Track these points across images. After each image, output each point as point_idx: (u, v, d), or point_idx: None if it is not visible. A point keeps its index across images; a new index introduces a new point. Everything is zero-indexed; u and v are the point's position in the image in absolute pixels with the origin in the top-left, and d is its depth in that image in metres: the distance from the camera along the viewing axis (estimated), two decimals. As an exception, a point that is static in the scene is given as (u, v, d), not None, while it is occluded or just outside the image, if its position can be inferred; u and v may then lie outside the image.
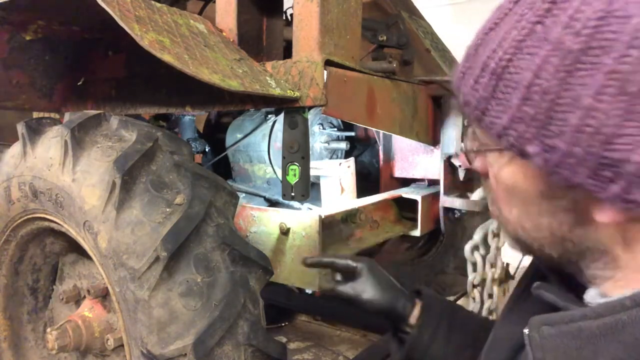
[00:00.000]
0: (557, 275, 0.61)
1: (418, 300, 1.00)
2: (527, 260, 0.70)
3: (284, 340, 2.69)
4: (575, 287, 0.58)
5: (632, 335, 0.45)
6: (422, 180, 2.27)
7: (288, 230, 1.59)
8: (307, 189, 1.51)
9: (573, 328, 0.49)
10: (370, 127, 2.03)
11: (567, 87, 0.43)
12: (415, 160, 2.23)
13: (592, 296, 0.54)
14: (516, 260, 1.79)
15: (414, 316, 0.98)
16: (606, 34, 0.41)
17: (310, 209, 1.86)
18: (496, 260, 1.90)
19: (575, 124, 0.43)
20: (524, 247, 0.58)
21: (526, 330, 0.52)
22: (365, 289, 0.98)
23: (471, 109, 0.51)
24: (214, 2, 1.69)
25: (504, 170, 0.53)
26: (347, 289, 0.99)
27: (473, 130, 0.57)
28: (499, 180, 0.54)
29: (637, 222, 0.47)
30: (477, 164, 0.59)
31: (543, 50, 0.44)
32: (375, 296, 0.98)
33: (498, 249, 1.85)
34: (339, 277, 1.04)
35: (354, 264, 1.02)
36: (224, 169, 2.30)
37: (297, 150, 1.47)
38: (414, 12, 2.56)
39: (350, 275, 1.02)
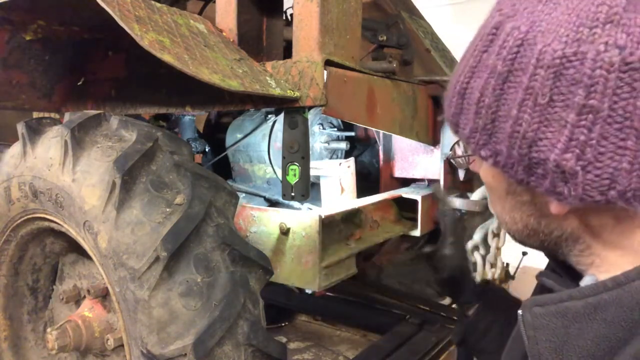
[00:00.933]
0: (561, 266, 0.66)
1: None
2: (527, 260, 0.72)
3: (284, 340, 2.69)
4: (576, 275, 0.63)
5: (612, 313, 0.51)
6: (422, 180, 2.27)
7: (288, 230, 1.59)
8: (307, 189, 1.51)
9: (560, 308, 0.55)
10: (370, 127, 2.03)
11: (502, 102, 0.53)
12: (415, 160, 2.23)
13: (586, 282, 0.58)
14: (516, 260, 1.79)
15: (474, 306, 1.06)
16: (522, 58, 0.51)
17: (310, 209, 1.86)
18: (496, 260, 1.90)
19: (509, 131, 0.53)
20: (514, 239, 0.66)
21: (520, 311, 0.58)
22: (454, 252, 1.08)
23: (450, 123, 0.62)
24: (214, 2, 1.69)
25: (481, 172, 0.63)
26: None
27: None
28: (483, 179, 0.64)
29: (592, 212, 0.55)
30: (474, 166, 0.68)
31: (485, 73, 0.55)
32: (456, 268, 1.06)
33: (498, 249, 1.85)
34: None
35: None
36: (224, 169, 2.30)
37: (297, 150, 1.47)
38: (414, 12, 2.56)
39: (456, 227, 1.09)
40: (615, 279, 0.53)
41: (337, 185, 1.90)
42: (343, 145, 2.24)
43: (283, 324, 2.91)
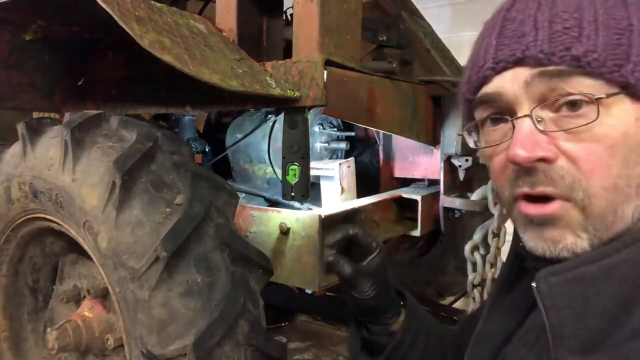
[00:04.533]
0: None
1: (402, 306, 1.00)
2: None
3: (284, 340, 2.68)
4: None
5: (625, 272, 0.53)
6: (422, 180, 2.27)
7: (288, 230, 1.59)
8: (307, 189, 1.51)
9: (576, 274, 0.54)
10: (370, 127, 2.03)
11: None
12: (415, 160, 2.23)
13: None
14: (516, 260, 1.78)
15: (399, 322, 0.98)
16: None
17: (310, 209, 1.86)
18: (496, 260, 1.90)
19: None
20: (605, 222, 0.56)
21: (534, 284, 0.56)
22: (369, 277, 0.90)
23: (593, 57, 0.54)
24: (214, 2, 1.69)
25: (617, 120, 0.54)
26: (353, 269, 0.90)
27: (559, 96, 0.56)
28: (607, 135, 0.54)
29: None
30: (546, 147, 0.57)
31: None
32: (375, 290, 0.91)
33: (498, 249, 1.85)
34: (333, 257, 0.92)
35: (375, 245, 0.93)
36: (224, 169, 2.30)
37: (297, 150, 1.47)
38: (414, 12, 2.56)
39: (361, 255, 0.92)
40: (624, 240, 0.54)
41: (337, 185, 1.90)
42: (343, 145, 2.24)
43: (283, 324, 2.91)
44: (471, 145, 0.70)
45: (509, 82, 0.58)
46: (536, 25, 0.56)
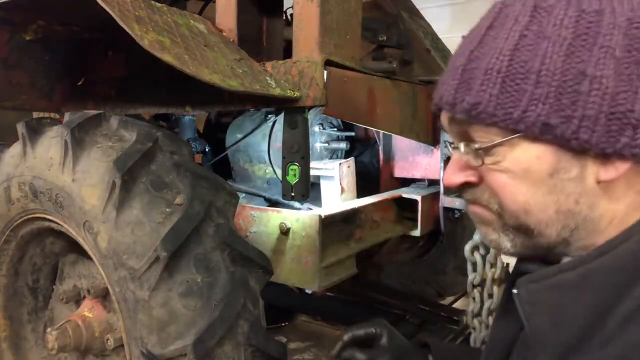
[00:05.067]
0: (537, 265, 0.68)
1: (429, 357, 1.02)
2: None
3: (284, 340, 2.69)
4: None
5: (600, 279, 0.56)
6: (422, 180, 2.27)
7: (288, 230, 1.59)
8: (307, 189, 1.51)
9: (554, 281, 0.58)
10: (370, 127, 2.03)
11: (572, 65, 0.54)
12: (415, 160, 2.23)
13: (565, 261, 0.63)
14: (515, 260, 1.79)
15: None
16: (591, 23, 0.54)
17: (310, 209, 1.86)
18: (496, 260, 1.90)
19: (585, 91, 0.53)
20: (521, 233, 0.62)
21: (515, 291, 0.61)
22: (383, 356, 0.98)
23: (480, 109, 0.58)
24: (214, 2, 1.69)
25: (516, 158, 0.59)
26: (365, 356, 0.98)
27: (467, 142, 0.63)
28: (509, 170, 0.60)
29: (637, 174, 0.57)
30: (469, 173, 0.65)
31: (543, 43, 0.55)
32: None
33: (498, 249, 1.84)
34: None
35: (374, 331, 1.02)
36: (224, 169, 2.30)
37: (297, 150, 1.47)
38: (414, 12, 2.56)
39: (369, 341, 1.01)
40: (600, 248, 0.58)
41: (337, 185, 1.90)
42: (343, 145, 2.24)
43: (283, 324, 2.91)
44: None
45: (443, 119, 0.67)
46: (452, 73, 0.62)
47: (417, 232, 2.07)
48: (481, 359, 0.80)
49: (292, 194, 1.50)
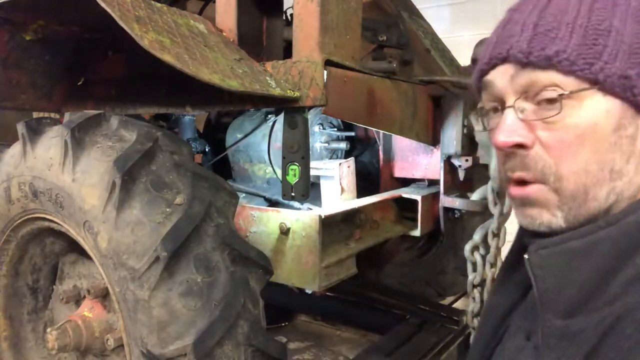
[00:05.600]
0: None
1: None
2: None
3: (284, 340, 2.69)
4: None
5: (606, 247, 0.59)
6: (422, 180, 2.27)
7: (288, 230, 1.59)
8: (307, 189, 1.51)
9: (563, 248, 0.62)
10: (370, 127, 2.03)
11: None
12: (415, 160, 2.23)
13: None
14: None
15: None
16: None
17: (310, 209, 1.86)
18: (496, 260, 1.90)
19: None
20: (577, 200, 0.63)
21: (526, 256, 0.65)
22: None
23: (563, 56, 0.60)
24: (214, 2, 1.69)
25: (586, 112, 0.61)
26: None
27: (536, 92, 0.63)
28: (576, 125, 0.61)
29: None
30: (524, 134, 0.64)
31: (617, 7, 0.61)
32: None
33: (498, 249, 1.85)
34: None
35: None
36: (224, 169, 2.30)
37: (297, 150, 1.47)
38: (414, 12, 2.56)
39: None
40: (608, 219, 0.61)
41: (337, 185, 1.90)
42: (343, 145, 2.24)
43: (283, 324, 2.91)
44: (478, 128, 0.80)
45: (498, 77, 0.67)
46: (523, 27, 0.64)
47: (417, 232, 2.07)
48: (478, 323, 0.85)
49: (292, 194, 1.50)
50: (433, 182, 2.20)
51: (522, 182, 0.66)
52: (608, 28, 0.60)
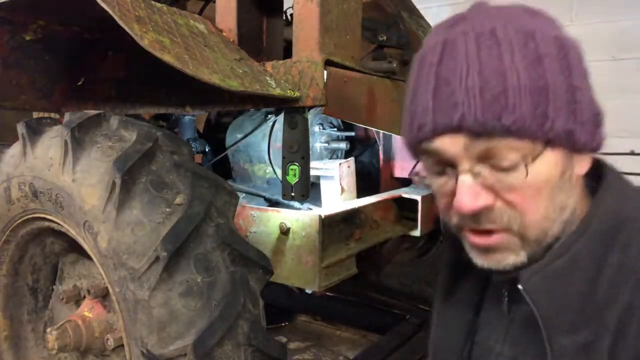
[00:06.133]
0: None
1: None
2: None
3: (284, 340, 2.69)
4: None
5: (586, 259, 0.65)
6: (422, 180, 2.26)
7: (288, 230, 1.59)
8: (307, 189, 1.51)
9: (549, 270, 0.66)
10: (370, 127, 2.03)
11: (566, 78, 0.63)
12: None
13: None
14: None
15: None
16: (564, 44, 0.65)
17: (310, 209, 1.86)
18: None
19: (580, 100, 0.63)
20: (539, 240, 0.67)
21: (520, 286, 0.67)
22: None
23: (520, 124, 0.61)
24: (214, 2, 1.69)
25: (540, 168, 0.64)
26: None
27: (493, 161, 0.64)
28: (533, 181, 0.64)
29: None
30: (485, 196, 0.65)
31: (544, 60, 0.62)
32: None
33: (498, 249, 1.85)
34: None
35: None
36: (224, 169, 2.30)
37: (297, 150, 1.47)
38: (414, 12, 2.56)
39: None
40: (577, 230, 0.67)
41: (337, 185, 1.90)
42: (343, 145, 2.24)
43: (283, 324, 2.91)
44: (421, 185, 0.79)
45: (448, 144, 0.64)
46: (468, 94, 0.61)
47: (417, 232, 2.07)
48: (434, 334, 0.87)
49: (292, 194, 1.50)
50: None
51: (487, 232, 0.67)
52: (545, 84, 0.61)
